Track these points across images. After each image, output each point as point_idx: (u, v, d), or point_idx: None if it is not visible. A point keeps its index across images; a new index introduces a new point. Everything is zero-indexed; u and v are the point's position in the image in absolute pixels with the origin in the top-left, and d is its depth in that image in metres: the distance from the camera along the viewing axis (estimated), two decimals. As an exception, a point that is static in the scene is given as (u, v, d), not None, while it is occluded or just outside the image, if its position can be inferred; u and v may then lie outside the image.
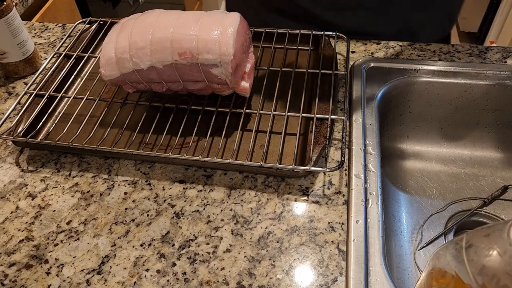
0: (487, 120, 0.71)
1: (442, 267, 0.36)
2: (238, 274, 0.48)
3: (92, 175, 0.58)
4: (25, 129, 0.61)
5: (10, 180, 0.58)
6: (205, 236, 0.51)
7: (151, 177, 0.58)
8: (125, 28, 0.58)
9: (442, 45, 0.74)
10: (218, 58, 0.55)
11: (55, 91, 0.66)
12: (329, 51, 0.69)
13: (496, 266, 0.31)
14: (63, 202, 0.56)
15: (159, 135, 0.61)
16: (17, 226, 0.53)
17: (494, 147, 0.73)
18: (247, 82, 0.61)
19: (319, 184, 0.56)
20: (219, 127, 0.62)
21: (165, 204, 0.55)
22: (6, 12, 0.66)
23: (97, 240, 0.52)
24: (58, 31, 0.83)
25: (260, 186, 0.56)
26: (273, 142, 0.61)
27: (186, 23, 0.56)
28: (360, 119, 0.62)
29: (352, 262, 0.48)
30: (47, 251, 0.51)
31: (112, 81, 0.60)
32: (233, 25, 0.56)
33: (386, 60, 0.71)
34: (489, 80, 0.67)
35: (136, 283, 0.48)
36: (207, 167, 0.58)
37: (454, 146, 0.74)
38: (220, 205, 0.54)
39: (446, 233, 0.64)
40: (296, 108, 0.64)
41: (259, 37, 0.72)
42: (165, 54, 0.56)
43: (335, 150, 0.60)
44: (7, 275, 0.49)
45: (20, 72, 0.73)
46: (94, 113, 0.63)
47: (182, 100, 0.65)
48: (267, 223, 0.52)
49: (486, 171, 0.72)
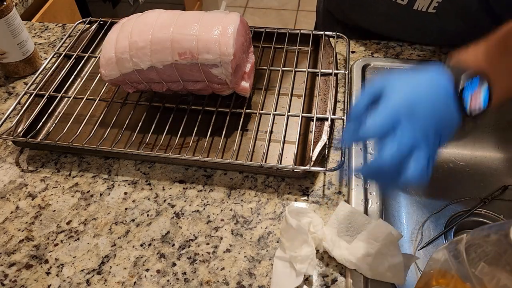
0: (487, 120, 0.71)
1: (442, 267, 0.36)
2: (238, 274, 0.48)
3: (92, 175, 0.58)
4: (25, 129, 0.61)
5: (10, 180, 0.58)
6: (205, 236, 0.51)
7: (151, 177, 0.58)
8: (125, 28, 0.58)
9: (442, 45, 0.74)
10: (218, 58, 0.55)
11: (55, 91, 0.66)
12: (329, 51, 0.69)
13: (496, 266, 0.31)
14: (63, 202, 0.56)
15: (159, 135, 0.61)
16: (17, 226, 0.53)
17: (494, 147, 0.73)
18: (247, 82, 0.61)
19: (319, 184, 0.56)
20: (219, 127, 0.62)
21: (165, 204, 0.55)
22: (6, 12, 0.66)
23: (97, 240, 0.52)
24: (58, 31, 0.83)
25: (260, 186, 0.56)
26: (273, 142, 0.61)
27: (186, 23, 0.56)
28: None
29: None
30: (47, 251, 0.51)
31: (112, 81, 0.60)
32: (233, 25, 0.56)
33: (386, 60, 0.71)
34: (489, 80, 0.67)
35: (136, 283, 0.48)
36: (207, 167, 0.58)
37: (454, 146, 0.74)
38: (220, 205, 0.54)
39: (446, 233, 0.63)
40: (296, 108, 0.64)
41: (259, 37, 0.72)
42: (165, 54, 0.56)
43: (335, 150, 0.60)
44: (7, 275, 0.49)
45: (20, 72, 0.73)
46: (94, 113, 0.63)
47: (182, 100, 0.65)
48: (267, 223, 0.52)
49: (486, 171, 0.71)
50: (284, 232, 0.48)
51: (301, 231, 0.46)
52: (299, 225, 0.46)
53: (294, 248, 0.47)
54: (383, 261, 0.45)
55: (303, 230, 0.46)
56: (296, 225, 0.46)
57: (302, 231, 0.46)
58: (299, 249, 0.46)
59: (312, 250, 0.46)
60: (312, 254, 0.45)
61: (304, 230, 0.47)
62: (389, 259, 0.45)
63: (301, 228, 0.46)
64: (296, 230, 0.46)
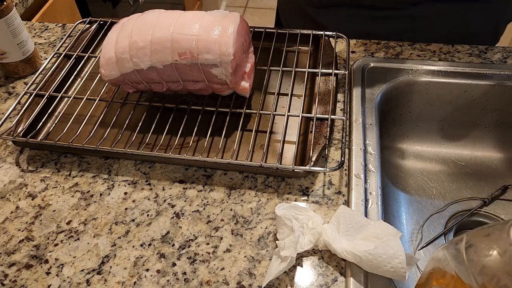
0: (487, 120, 0.71)
1: (442, 267, 0.36)
2: (238, 274, 0.48)
3: (92, 175, 0.58)
4: (25, 129, 0.61)
5: (10, 180, 0.58)
6: (205, 236, 0.51)
7: (151, 177, 0.58)
8: (125, 28, 0.58)
9: (442, 45, 0.74)
10: (218, 58, 0.55)
11: (55, 91, 0.66)
12: (329, 51, 0.69)
13: (496, 266, 0.31)
14: (63, 202, 0.56)
15: (159, 135, 0.61)
16: (17, 226, 0.53)
17: (494, 147, 0.73)
18: (247, 82, 0.61)
19: (319, 184, 0.56)
20: (219, 127, 0.62)
21: (165, 204, 0.55)
22: (6, 12, 0.66)
23: (97, 240, 0.52)
24: (58, 31, 0.83)
25: (260, 186, 0.56)
26: (273, 142, 0.61)
27: (186, 23, 0.56)
28: (360, 119, 0.62)
29: (352, 262, 0.48)
30: (47, 251, 0.51)
31: (112, 81, 0.60)
32: (233, 25, 0.56)
33: (386, 60, 0.71)
34: (489, 80, 0.68)
35: (136, 283, 0.48)
36: (207, 167, 0.58)
37: (454, 146, 0.74)
38: (220, 205, 0.54)
39: (446, 233, 0.64)
40: (296, 108, 0.64)
41: (259, 37, 0.72)
42: (165, 54, 0.56)
43: (335, 150, 0.60)
44: (7, 275, 0.49)
45: (20, 72, 0.73)
46: (94, 113, 0.63)
47: (182, 100, 0.65)
48: (267, 223, 0.52)
49: (486, 171, 0.72)
50: (278, 228, 0.50)
51: (286, 216, 0.48)
52: (285, 213, 0.48)
53: (283, 238, 0.48)
54: (386, 257, 0.45)
55: (287, 215, 0.48)
56: (281, 213, 0.48)
57: (286, 216, 0.48)
58: (286, 238, 0.48)
59: (296, 235, 0.46)
60: (295, 238, 0.46)
61: (288, 216, 0.48)
62: (391, 255, 0.44)
63: (286, 214, 0.48)
64: (281, 218, 0.48)
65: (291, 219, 0.48)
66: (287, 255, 0.46)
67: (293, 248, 0.46)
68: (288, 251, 0.46)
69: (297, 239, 0.46)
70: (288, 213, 0.49)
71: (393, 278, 0.45)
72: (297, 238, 0.46)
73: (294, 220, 0.48)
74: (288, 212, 0.49)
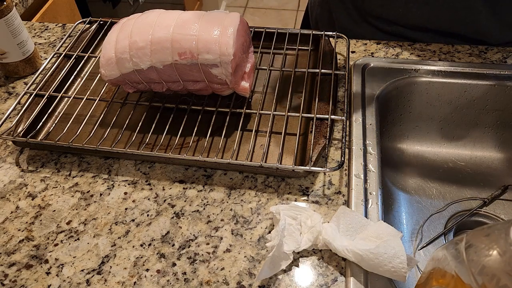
0: (487, 120, 0.71)
1: (442, 267, 0.36)
2: (238, 274, 0.48)
3: (92, 175, 0.58)
4: (25, 129, 0.61)
5: (10, 180, 0.58)
6: (205, 236, 0.51)
7: (151, 177, 0.58)
8: (125, 28, 0.58)
9: (442, 45, 0.74)
10: (218, 58, 0.55)
11: (55, 91, 0.66)
12: (329, 51, 0.69)
13: (496, 266, 0.31)
14: (63, 202, 0.56)
15: (159, 135, 0.61)
16: (17, 226, 0.53)
17: (494, 147, 0.73)
18: (247, 82, 0.61)
19: (319, 184, 0.56)
20: (219, 127, 0.62)
21: (165, 204, 0.55)
22: (6, 12, 0.66)
23: (97, 240, 0.52)
24: (58, 31, 0.83)
25: (260, 186, 0.56)
26: (273, 142, 0.61)
27: (186, 23, 0.56)
28: (360, 119, 0.62)
29: (352, 262, 0.48)
30: (47, 251, 0.51)
31: (112, 81, 0.60)
32: (233, 25, 0.56)
33: (386, 60, 0.71)
34: (489, 80, 0.68)
35: (136, 283, 0.48)
36: (207, 167, 0.58)
37: (454, 146, 0.74)
38: (220, 205, 0.54)
39: (446, 233, 0.64)
40: (296, 108, 0.64)
41: (259, 37, 0.72)
42: (165, 54, 0.56)
43: (335, 150, 0.60)
44: (7, 275, 0.49)
45: (20, 72, 0.73)
46: (94, 113, 0.63)
47: (182, 100, 0.65)
48: (267, 223, 0.52)
49: (486, 171, 0.72)
50: (274, 227, 0.50)
51: (276, 211, 0.49)
52: (277, 208, 0.49)
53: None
54: (387, 256, 0.45)
55: (277, 210, 0.49)
56: (274, 209, 0.49)
57: (277, 211, 0.49)
58: (273, 230, 0.50)
59: (281, 224, 0.47)
60: (280, 227, 0.47)
61: (278, 210, 0.49)
62: (392, 254, 0.45)
63: (277, 209, 0.49)
64: (273, 214, 0.49)
65: (280, 213, 0.49)
66: (273, 244, 0.46)
67: (277, 238, 0.46)
68: (273, 242, 0.46)
69: (281, 228, 0.46)
70: (288, 212, 0.49)
71: (393, 278, 0.45)
72: (282, 227, 0.46)
73: (283, 215, 0.49)
74: (288, 212, 0.49)
